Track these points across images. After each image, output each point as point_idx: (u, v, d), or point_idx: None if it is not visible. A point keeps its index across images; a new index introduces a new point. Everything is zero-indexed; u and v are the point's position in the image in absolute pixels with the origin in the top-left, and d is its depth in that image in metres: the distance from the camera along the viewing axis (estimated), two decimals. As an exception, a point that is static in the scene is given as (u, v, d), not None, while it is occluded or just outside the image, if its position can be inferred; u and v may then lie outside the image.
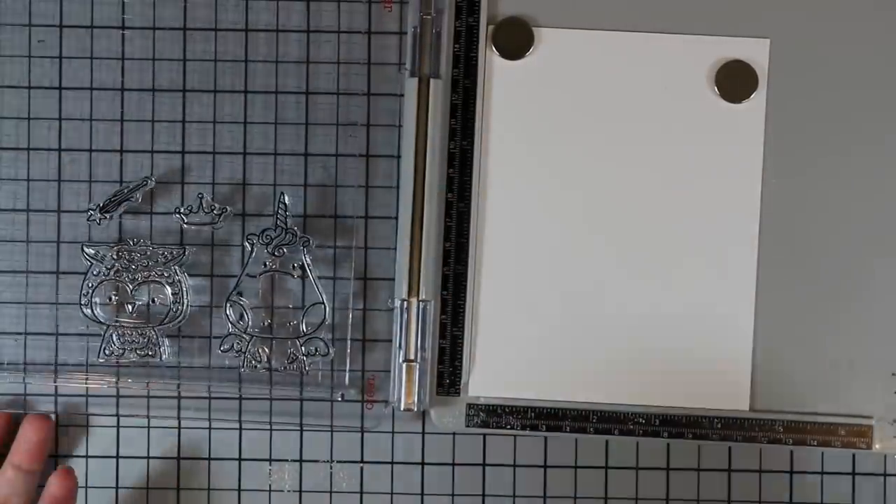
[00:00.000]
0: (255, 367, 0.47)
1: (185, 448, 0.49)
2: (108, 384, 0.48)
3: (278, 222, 0.47)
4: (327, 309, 0.47)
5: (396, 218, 0.48)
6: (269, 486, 0.49)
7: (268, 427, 0.49)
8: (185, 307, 0.47)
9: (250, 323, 0.47)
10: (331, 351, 0.47)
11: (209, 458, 0.49)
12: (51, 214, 0.49)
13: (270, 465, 0.49)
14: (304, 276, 0.47)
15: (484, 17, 0.47)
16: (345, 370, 0.48)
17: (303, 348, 0.47)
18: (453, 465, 0.49)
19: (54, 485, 0.46)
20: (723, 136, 0.47)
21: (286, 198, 0.47)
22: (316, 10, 0.49)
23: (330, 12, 0.49)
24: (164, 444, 0.49)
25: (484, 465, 0.49)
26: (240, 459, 0.49)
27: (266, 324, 0.48)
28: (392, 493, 0.49)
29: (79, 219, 0.48)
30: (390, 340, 0.48)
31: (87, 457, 0.49)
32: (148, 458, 0.49)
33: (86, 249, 0.47)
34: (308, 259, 0.47)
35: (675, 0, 0.47)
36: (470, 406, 0.47)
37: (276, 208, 0.47)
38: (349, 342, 0.48)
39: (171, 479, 0.49)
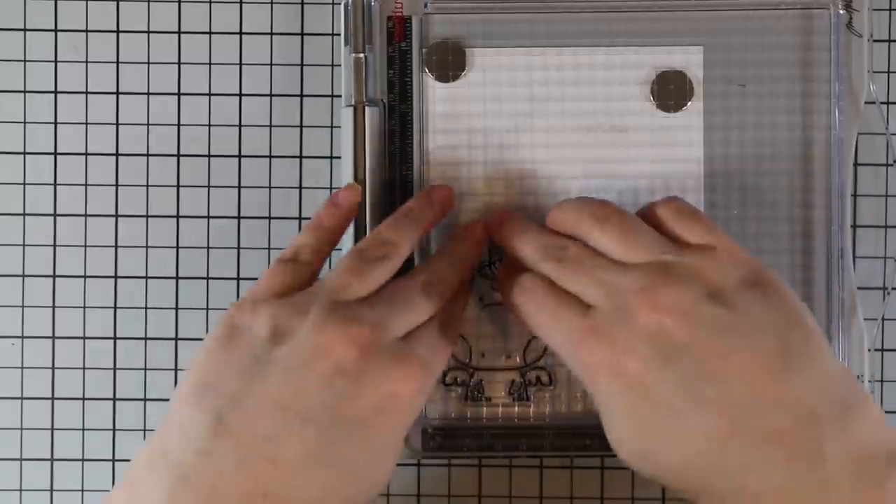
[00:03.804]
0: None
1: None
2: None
3: (500, 256, 0.47)
4: None
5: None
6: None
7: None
8: None
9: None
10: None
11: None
12: None
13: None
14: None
15: (417, 42, 0.47)
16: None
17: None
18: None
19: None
20: (662, 147, 0.47)
21: None
22: (248, 43, 0.49)
23: (263, 45, 0.49)
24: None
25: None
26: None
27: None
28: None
29: (20, 267, 0.48)
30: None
31: None
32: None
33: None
34: None
35: (606, 15, 0.47)
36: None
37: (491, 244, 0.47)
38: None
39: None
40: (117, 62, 0.49)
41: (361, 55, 0.46)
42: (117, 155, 0.49)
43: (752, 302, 0.38)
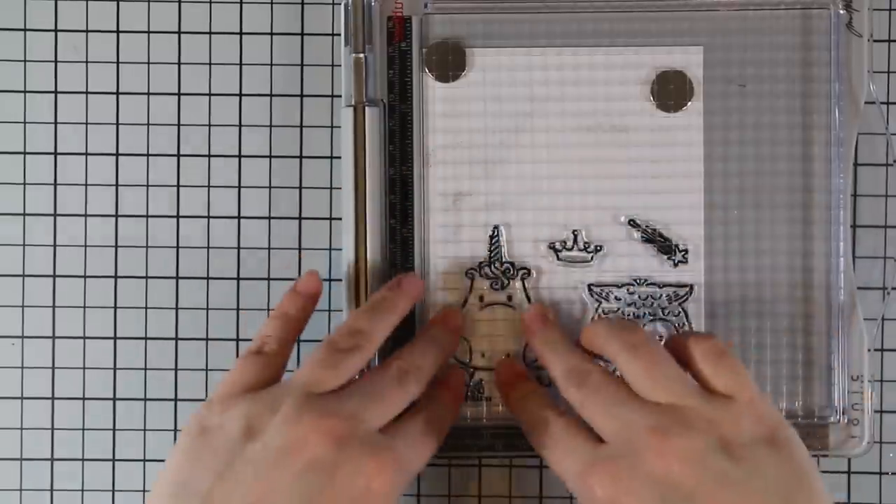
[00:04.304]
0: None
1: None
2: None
3: (500, 255, 0.47)
4: None
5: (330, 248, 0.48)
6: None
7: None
8: None
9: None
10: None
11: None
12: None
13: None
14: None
15: (417, 42, 0.47)
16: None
17: None
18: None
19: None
20: (663, 147, 0.47)
21: (502, 229, 0.47)
22: (249, 43, 0.49)
23: (263, 45, 0.49)
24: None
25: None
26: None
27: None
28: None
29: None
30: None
31: None
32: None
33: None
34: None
35: (606, 15, 0.47)
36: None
37: (491, 243, 0.47)
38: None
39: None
40: (117, 62, 0.49)
41: (361, 55, 0.46)
42: (117, 155, 0.49)
43: (764, 459, 0.38)
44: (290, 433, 0.37)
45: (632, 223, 0.47)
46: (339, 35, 0.47)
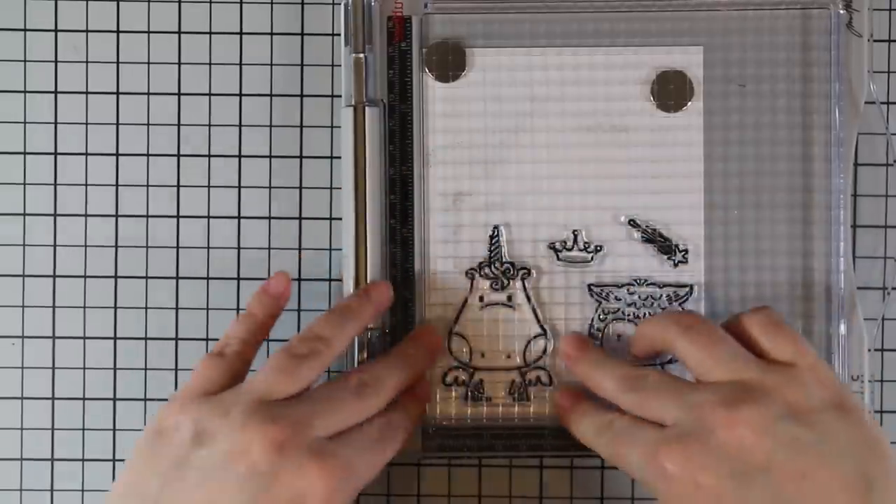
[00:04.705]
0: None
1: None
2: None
3: (500, 255, 0.47)
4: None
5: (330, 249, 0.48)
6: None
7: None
8: None
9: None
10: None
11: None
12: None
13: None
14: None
15: (417, 42, 0.47)
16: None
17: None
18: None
19: None
20: (662, 147, 0.47)
21: (502, 229, 0.47)
22: (249, 43, 0.49)
23: (263, 44, 0.49)
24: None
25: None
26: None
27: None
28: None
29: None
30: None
31: None
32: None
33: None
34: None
35: (606, 15, 0.47)
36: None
37: (491, 243, 0.47)
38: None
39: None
40: (117, 62, 0.49)
41: (361, 55, 0.46)
42: (117, 155, 0.49)
43: (833, 424, 0.38)
44: (235, 440, 0.37)
45: (632, 223, 0.47)
46: (339, 35, 0.47)
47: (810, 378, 0.39)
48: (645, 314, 0.47)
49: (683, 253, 0.47)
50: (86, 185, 0.49)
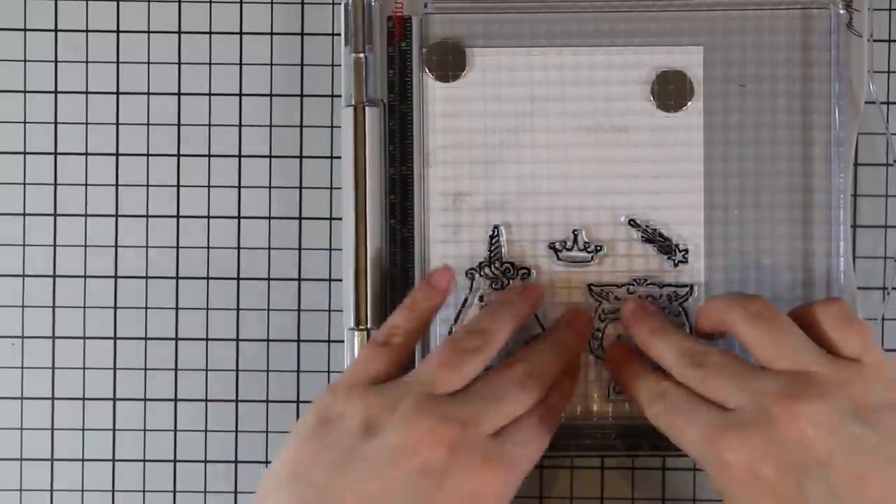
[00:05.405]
0: None
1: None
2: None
3: (500, 255, 0.47)
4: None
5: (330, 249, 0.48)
6: None
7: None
8: None
9: None
10: None
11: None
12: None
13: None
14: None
15: (417, 42, 0.47)
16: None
17: None
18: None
19: None
20: (663, 147, 0.47)
21: (502, 229, 0.47)
22: (249, 43, 0.49)
23: (263, 44, 0.49)
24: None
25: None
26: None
27: None
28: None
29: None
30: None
31: None
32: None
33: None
34: None
35: (606, 15, 0.47)
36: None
37: (491, 243, 0.47)
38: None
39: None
40: (117, 62, 0.49)
41: (361, 55, 0.46)
42: (117, 155, 0.49)
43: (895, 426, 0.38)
44: (406, 434, 0.38)
45: (632, 223, 0.47)
46: (339, 35, 0.47)
47: (876, 376, 0.39)
48: (645, 314, 0.47)
49: (683, 253, 0.47)
50: (86, 185, 0.49)
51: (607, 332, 0.47)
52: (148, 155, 0.49)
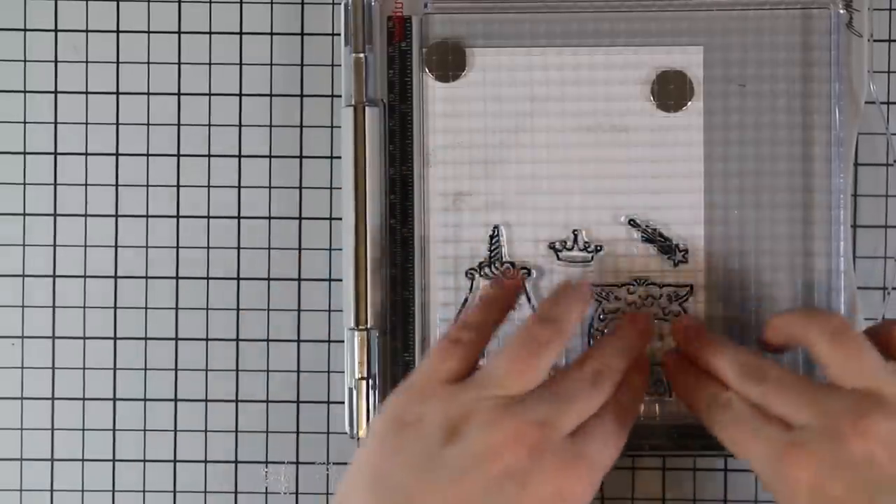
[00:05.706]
0: None
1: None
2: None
3: (500, 255, 0.47)
4: None
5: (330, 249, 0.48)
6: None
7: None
8: None
9: None
10: None
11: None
12: None
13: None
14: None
15: (417, 42, 0.47)
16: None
17: None
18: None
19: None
20: (663, 147, 0.47)
21: (502, 229, 0.47)
22: (249, 43, 0.49)
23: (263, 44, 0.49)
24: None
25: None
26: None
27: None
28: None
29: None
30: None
31: None
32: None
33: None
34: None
35: (606, 15, 0.47)
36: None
37: (491, 243, 0.47)
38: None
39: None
40: (117, 62, 0.49)
41: (361, 55, 0.46)
42: (117, 155, 0.49)
43: None
44: (487, 439, 0.37)
45: (632, 223, 0.47)
46: (339, 35, 0.47)
47: None
48: (645, 314, 0.47)
49: (683, 253, 0.47)
50: (86, 185, 0.49)
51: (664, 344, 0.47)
52: (148, 155, 0.49)
